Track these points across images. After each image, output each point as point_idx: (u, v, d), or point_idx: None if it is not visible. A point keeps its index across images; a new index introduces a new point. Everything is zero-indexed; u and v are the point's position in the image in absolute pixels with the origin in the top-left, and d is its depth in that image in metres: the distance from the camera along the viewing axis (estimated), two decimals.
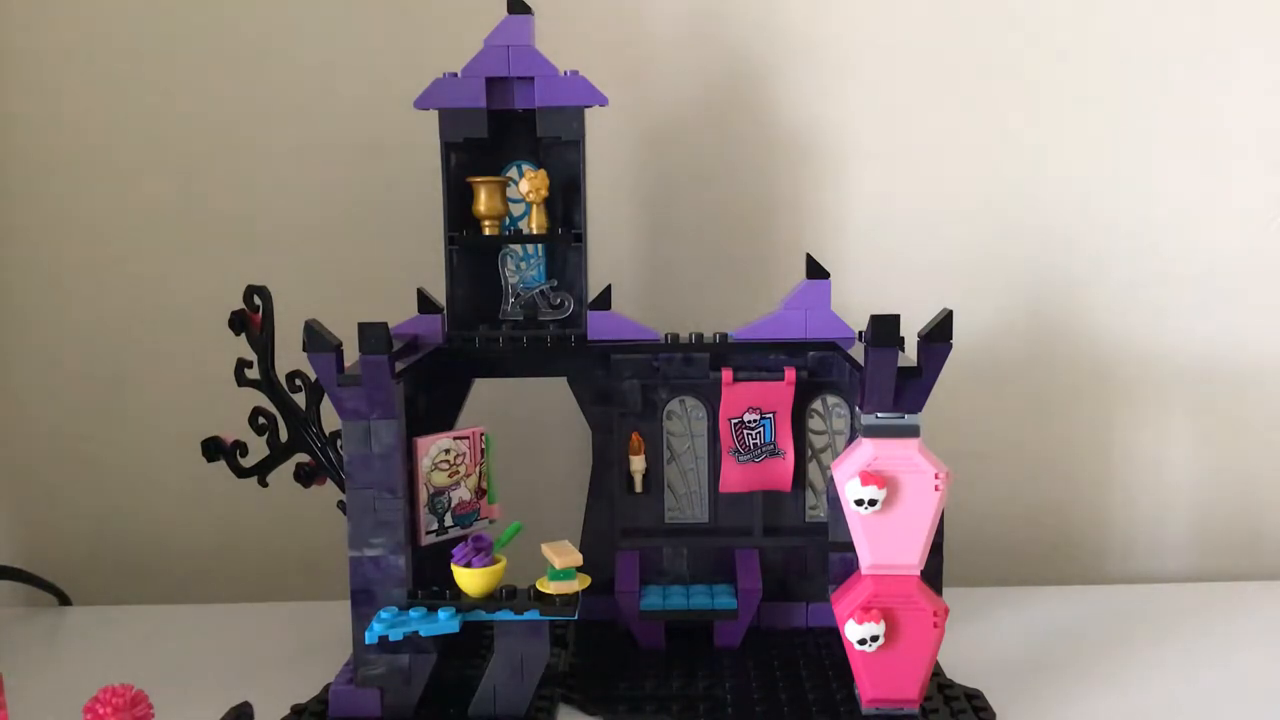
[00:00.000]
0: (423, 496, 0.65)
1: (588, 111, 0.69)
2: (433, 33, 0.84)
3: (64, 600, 0.84)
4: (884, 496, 0.58)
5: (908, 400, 0.60)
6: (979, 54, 0.86)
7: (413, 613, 0.60)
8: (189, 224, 0.87)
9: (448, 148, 0.70)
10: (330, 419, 0.66)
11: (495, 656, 0.62)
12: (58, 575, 0.85)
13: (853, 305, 0.74)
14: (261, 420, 0.69)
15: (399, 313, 0.71)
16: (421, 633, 0.60)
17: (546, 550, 0.61)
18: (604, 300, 0.72)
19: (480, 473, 0.68)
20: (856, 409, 0.66)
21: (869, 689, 0.61)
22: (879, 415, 0.60)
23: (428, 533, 0.65)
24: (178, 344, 0.88)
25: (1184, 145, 0.87)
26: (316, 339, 0.60)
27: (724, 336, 0.72)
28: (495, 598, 0.61)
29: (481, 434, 0.68)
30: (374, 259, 0.87)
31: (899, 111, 0.87)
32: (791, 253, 0.78)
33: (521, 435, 0.87)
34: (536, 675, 0.62)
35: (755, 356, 0.72)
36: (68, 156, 0.86)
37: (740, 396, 0.71)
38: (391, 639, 0.60)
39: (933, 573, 0.64)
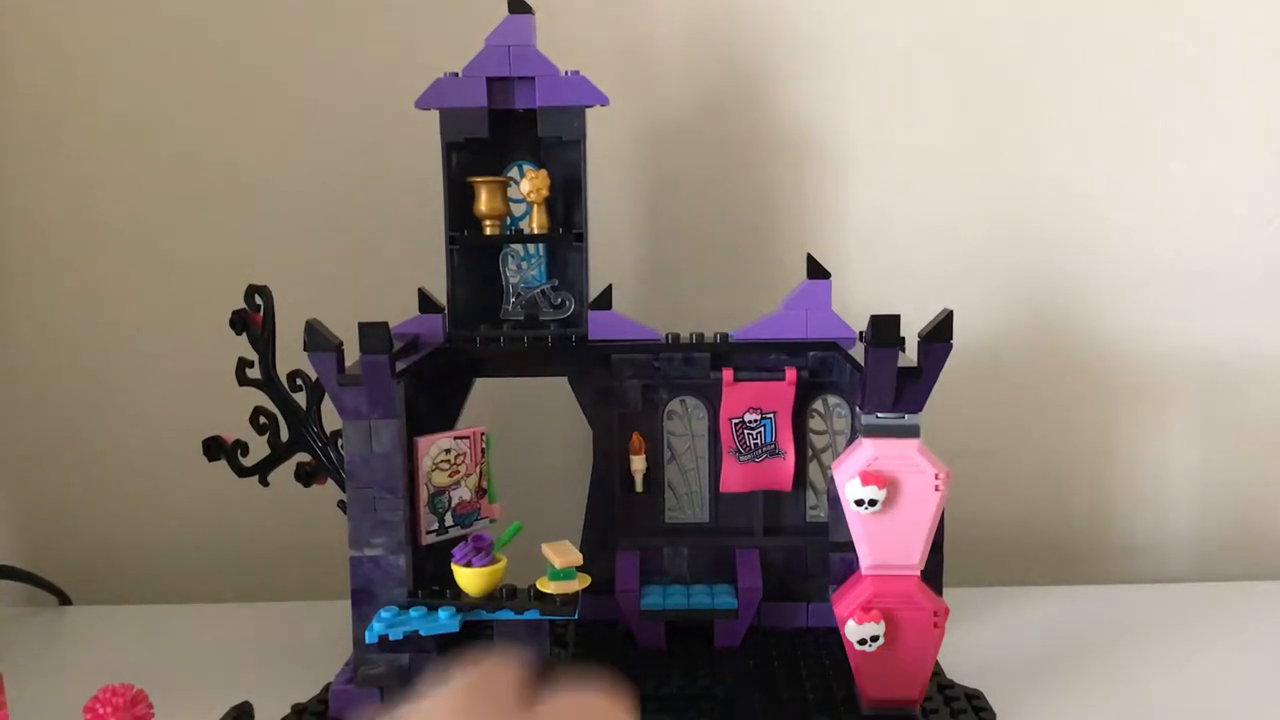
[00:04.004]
0: (423, 496, 0.65)
1: (589, 111, 0.69)
2: (433, 33, 0.84)
3: (64, 600, 0.84)
4: (884, 496, 0.58)
5: (908, 400, 0.60)
6: (978, 54, 0.86)
7: (413, 612, 0.60)
8: (189, 223, 0.87)
9: (448, 147, 0.70)
10: (331, 419, 0.66)
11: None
12: (58, 575, 0.85)
13: (853, 305, 0.74)
14: (262, 420, 0.69)
15: (399, 313, 0.71)
16: (421, 632, 0.60)
17: (546, 550, 0.61)
18: (604, 300, 0.72)
19: (480, 472, 0.68)
20: (857, 409, 0.66)
21: (869, 689, 0.61)
22: (879, 415, 0.60)
23: (428, 532, 0.65)
24: (179, 343, 0.88)
25: (1184, 144, 0.87)
26: (317, 338, 0.60)
27: (724, 336, 0.72)
28: (495, 597, 0.61)
29: (482, 434, 0.68)
30: (374, 259, 0.87)
31: (899, 112, 0.87)
32: (791, 253, 0.78)
33: (521, 435, 0.87)
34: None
35: (756, 356, 0.72)
36: (66, 155, 0.86)
37: (741, 396, 0.71)
38: (391, 638, 0.60)
39: (933, 573, 0.64)
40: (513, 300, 0.74)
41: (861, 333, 0.64)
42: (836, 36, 0.86)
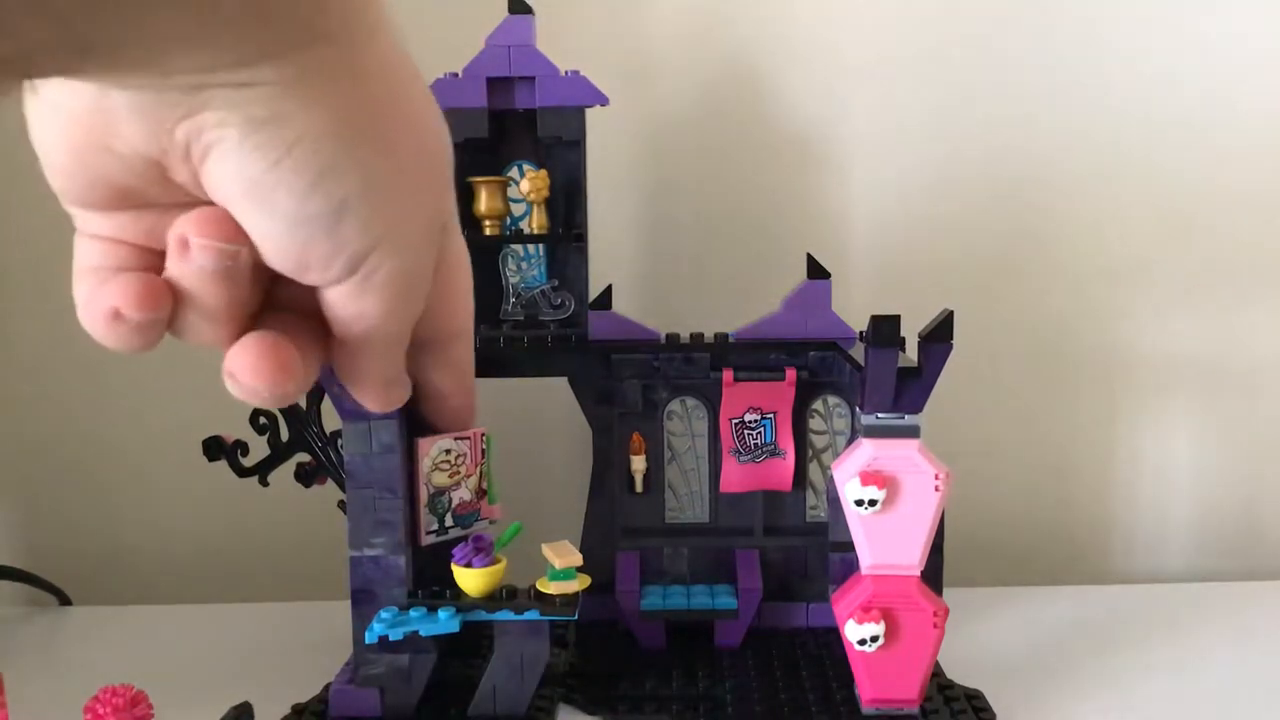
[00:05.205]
0: (423, 497, 0.65)
1: (589, 111, 0.69)
2: (433, 33, 0.84)
3: (64, 600, 0.84)
4: (884, 497, 0.58)
5: (908, 400, 0.60)
6: (980, 54, 0.86)
7: (413, 613, 0.60)
8: None
9: None
10: (331, 418, 0.66)
11: (495, 656, 0.62)
12: (58, 575, 0.85)
13: (853, 305, 0.74)
14: (262, 420, 0.69)
15: None
16: (422, 633, 0.60)
17: (546, 550, 0.61)
18: (604, 300, 0.72)
19: (481, 473, 0.68)
20: (857, 409, 0.66)
21: (869, 689, 0.61)
22: (879, 415, 0.60)
23: (427, 533, 0.65)
24: (178, 342, 0.88)
25: (1187, 144, 0.87)
26: None
27: (724, 336, 0.72)
28: (495, 598, 0.61)
29: (482, 435, 0.67)
30: None
31: (901, 112, 0.87)
32: (792, 253, 0.78)
33: (521, 435, 0.87)
34: (536, 675, 0.62)
35: (755, 356, 0.72)
36: None
37: (741, 396, 0.71)
38: (392, 639, 0.60)
39: (933, 573, 0.64)
40: (513, 300, 0.75)
41: (861, 333, 0.64)
42: (836, 36, 0.86)
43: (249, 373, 0.32)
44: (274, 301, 0.34)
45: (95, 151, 0.29)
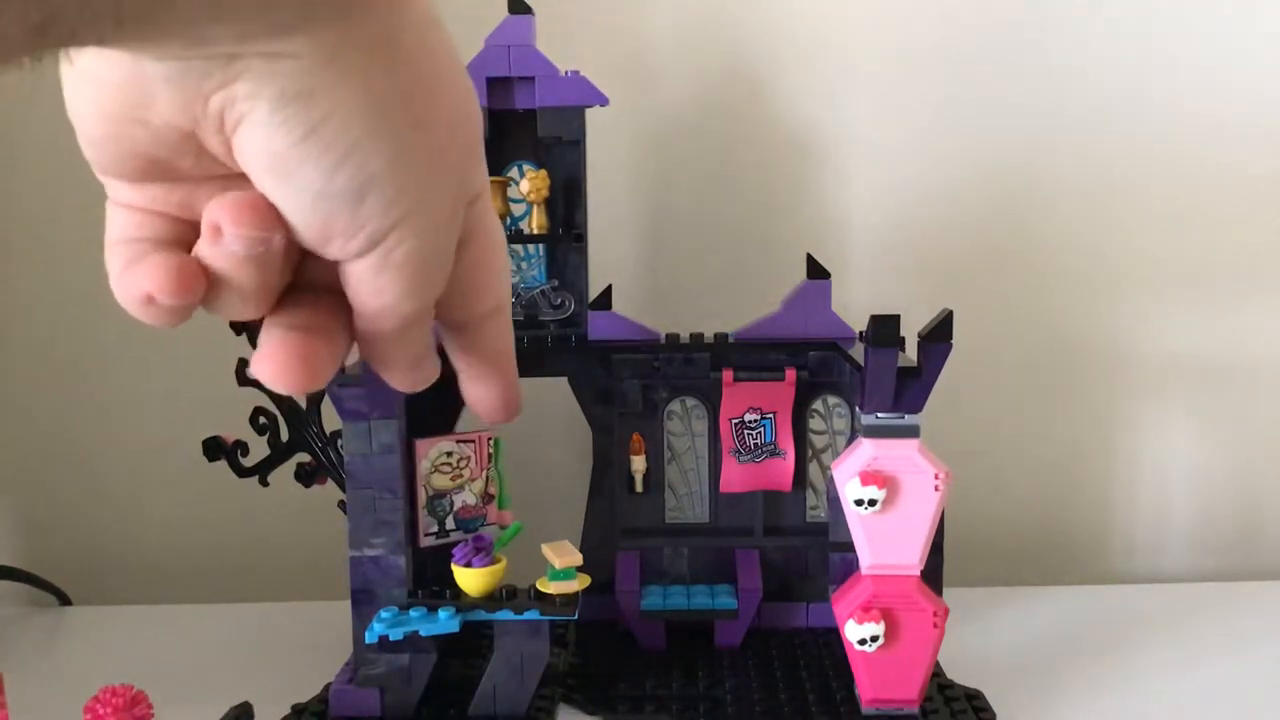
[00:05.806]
0: (421, 498, 0.65)
1: (589, 111, 0.69)
2: None
3: (64, 600, 0.84)
4: (884, 497, 0.58)
5: (908, 400, 0.60)
6: (981, 54, 0.86)
7: (413, 612, 0.60)
8: None
9: None
10: (331, 418, 0.66)
11: (495, 656, 0.62)
12: (58, 575, 0.85)
13: (853, 305, 0.74)
14: (262, 420, 0.69)
15: None
16: (421, 633, 0.60)
17: (546, 550, 0.61)
18: (604, 300, 0.72)
19: (488, 478, 0.67)
20: (857, 409, 0.66)
21: (869, 689, 0.61)
22: (879, 415, 0.60)
23: (426, 535, 0.65)
24: (179, 343, 0.88)
25: (1187, 144, 0.87)
26: None
27: (724, 336, 0.72)
28: (495, 598, 0.61)
29: (489, 439, 0.67)
30: None
31: (900, 111, 0.87)
32: (791, 253, 0.78)
33: (521, 435, 0.87)
34: (536, 675, 0.62)
35: (755, 356, 0.72)
36: (64, 156, 0.86)
37: (741, 396, 0.71)
38: (392, 639, 0.60)
39: (933, 573, 0.64)
40: (512, 300, 0.74)
41: (861, 333, 0.64)
42: (836, 36, 0.86)
43: (278, 378, 0.32)
44: (300, 279, 0.33)
45: (129, 123, 0.29)
